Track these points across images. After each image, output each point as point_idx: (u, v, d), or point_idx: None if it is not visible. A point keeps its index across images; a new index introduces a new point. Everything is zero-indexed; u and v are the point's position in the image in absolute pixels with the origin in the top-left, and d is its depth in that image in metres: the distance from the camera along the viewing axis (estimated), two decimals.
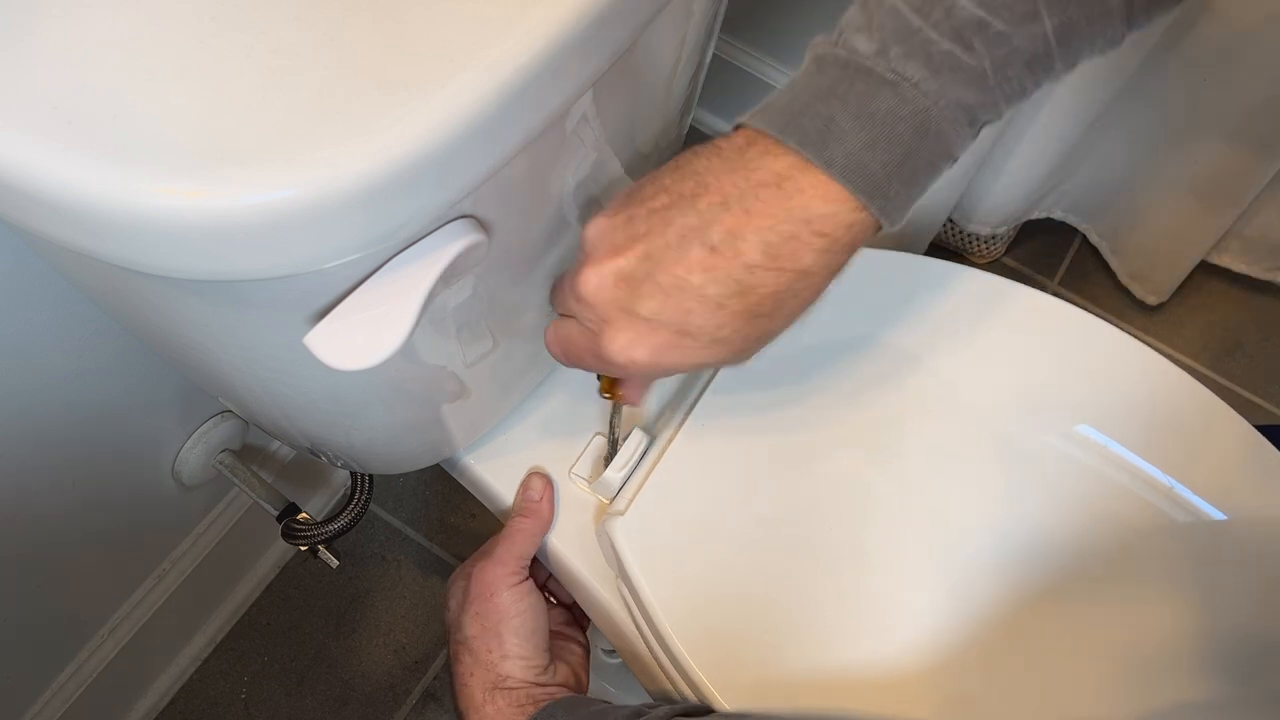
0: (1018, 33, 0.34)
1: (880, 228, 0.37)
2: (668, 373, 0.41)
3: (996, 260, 1.23)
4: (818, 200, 0.36)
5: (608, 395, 0.52)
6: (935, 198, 1.04)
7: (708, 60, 0.52)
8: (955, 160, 0.37)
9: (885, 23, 0.35)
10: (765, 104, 0.38)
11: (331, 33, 0.31)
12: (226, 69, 0.31)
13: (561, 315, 0.44)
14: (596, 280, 0.39)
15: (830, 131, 0.35)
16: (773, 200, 0.36)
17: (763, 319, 0.38)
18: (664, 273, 0.37)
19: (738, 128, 0.38)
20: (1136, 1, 0.34)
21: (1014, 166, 1.06)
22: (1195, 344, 1.20)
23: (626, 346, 0.39)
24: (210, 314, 0.39)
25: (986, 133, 0.95)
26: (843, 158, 0.35)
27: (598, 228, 0.40)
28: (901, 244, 1.09)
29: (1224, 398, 0.58)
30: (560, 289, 0.44)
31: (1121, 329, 0.60)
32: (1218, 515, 0.55)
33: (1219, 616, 0.53)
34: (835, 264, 0.38)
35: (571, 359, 0.44)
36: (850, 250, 0.37)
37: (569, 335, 0.43)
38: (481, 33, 0.32)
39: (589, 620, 0.62)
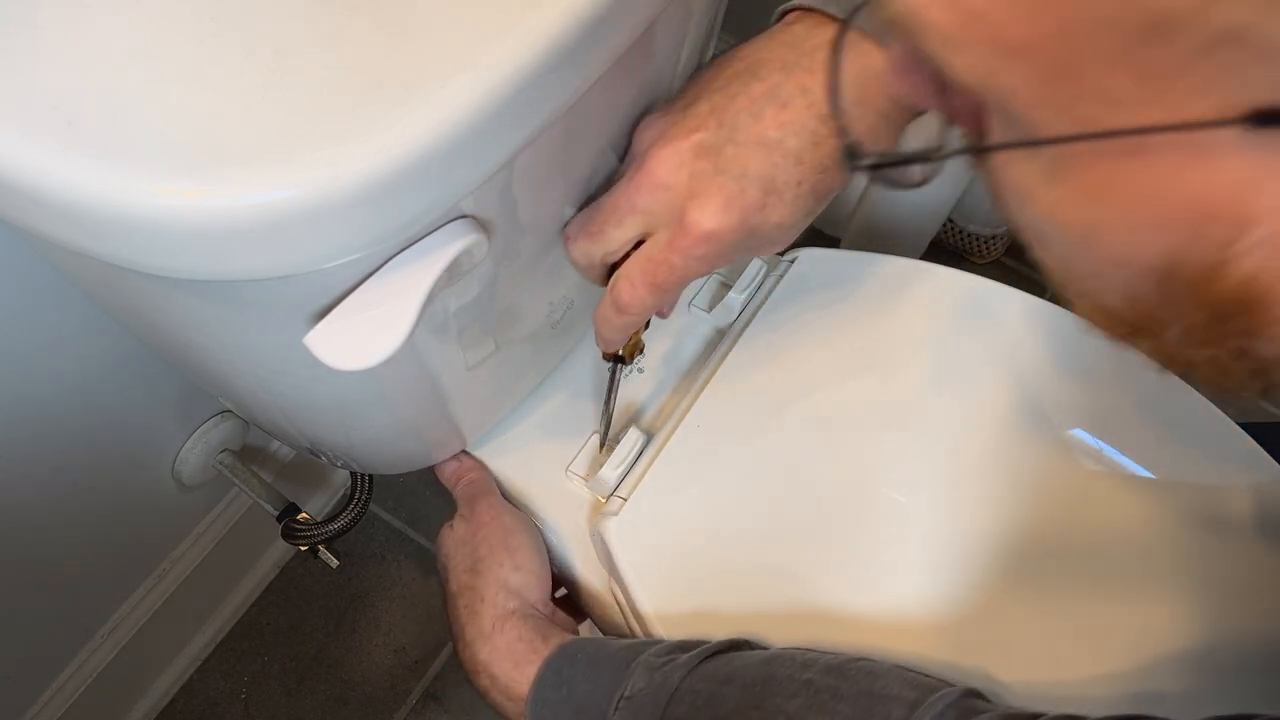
0: None
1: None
2: (749, 241, 0.41)
3: (996, 260, 1.23)
4: (877, 58, 0.37)
5: (610, 357, 0.53)
6: (935, 198, 1.04)
7: (708, 60, 0.52)
8: None
9: None
10: None
11: (332, 33, 0.32)
12: (226, 69, 0.31)
13: (611, 267, 0.43)
14: (675, 160, 0.39)
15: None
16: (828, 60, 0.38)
17: (830, 173, 0.40)
18: (744, 134, 0.39)
19: (784, 12, 0.41)
20: None
21: None
22: None
23: (720, 211, 0.39)
24: (210, 314, 0.39)
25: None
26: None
27: (655, 125, 0.41)
28: (902, 244, 1.09)
29: (1216, 400, 0.58)
30: (611, 207, 0.42)
31: None
32: (1211, 518, 0.55)
33: (1213, 617, 0.53)
34: (902, 121, 0.40)
35: (660, 280, 0.42)
36: (903, 120, 0.39)
37: (645, 259, 0.42)
38: (482, 33, 0.32)
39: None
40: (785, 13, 0.41)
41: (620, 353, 0.55)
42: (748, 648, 0.48)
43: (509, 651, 0.50)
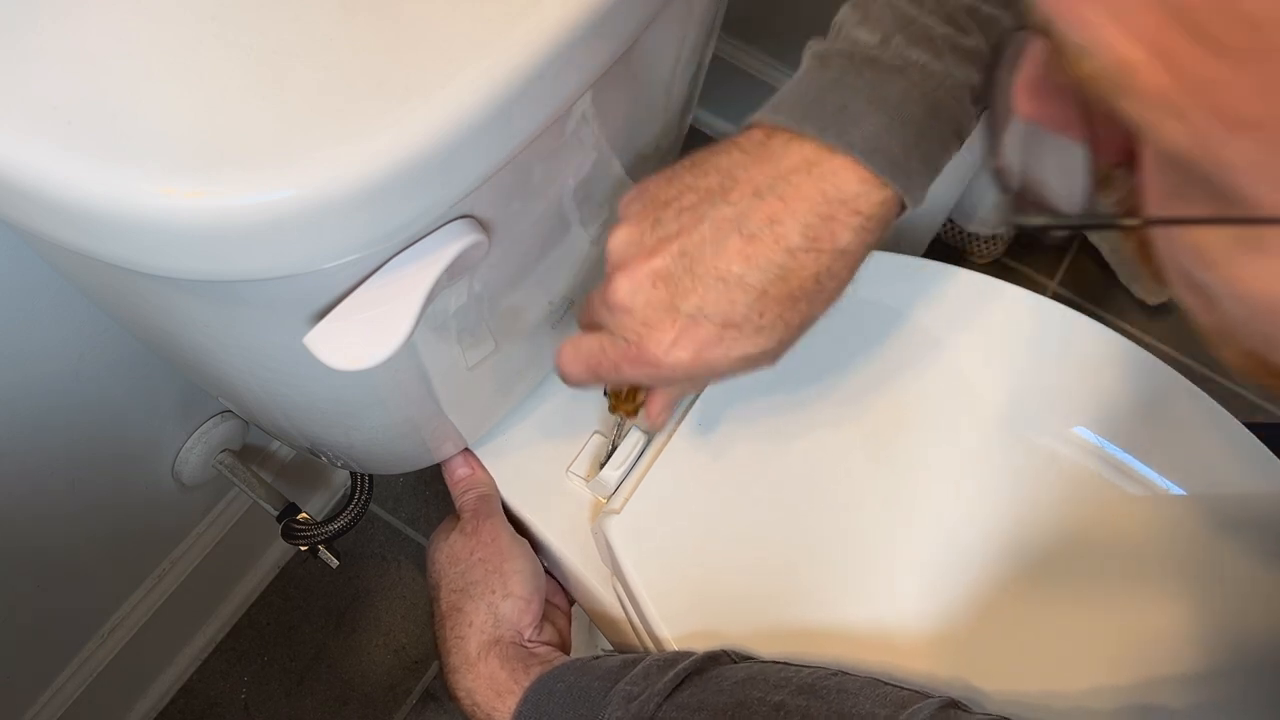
0: (1005, 14, 0.36)
1: (905, 207, 0.38)
2: (710, 373, 0.40)
3: (996, 260, 1.23)
4: (852, 180, 0.36)
5: (621, 411, 0.52)
6: (935, 198, 1.04)
7: (708, 60, 0.52)
8: (964, 139, 0.39)
9: (883, 15, 0.37)
10: (775, 101, 0.38)
11: (331, 33, 0.32)
12: (226, 69, 0.31)
13: (583, 331, 0.43)
14: (631, 285, 0.39)
15: (846, 117, 0.36)
16: (806, 184, 0.36)
17: (803, 302, 0.39)
18: (703, 266, 0.37)
19: (749, 127, 0.39)
20: None
21: None
22: (1194, 344, 1.20)
23: (672, 346, 0.38)
24: (210, 314, 0.39)
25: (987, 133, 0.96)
26: (862, 140, 0.36)
27: (623, 236, 0.40)
28: (901, 244, 1.09)
29: (1221, 399, 0.58)
30: (590, 304, 0.43)
31: (1121, 329, 0.60)
32: (1213, 516, 0.55)
33: (1213, 622, 0.53)
34: (870, 241, 0.38)
35: (599, 372, 0.42)
36: (884, 227, 0.38)
37: (597, 349, 0.42)
38: (481, 33, 0.32)
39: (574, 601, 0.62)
40: (751, 126, 0.39)
41: (620, 409, 0.54)
42: (728, 660, 0.48)
43: (491, 680, 0.51)
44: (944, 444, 0.58)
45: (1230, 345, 0.24)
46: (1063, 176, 0.24)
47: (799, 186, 0.37)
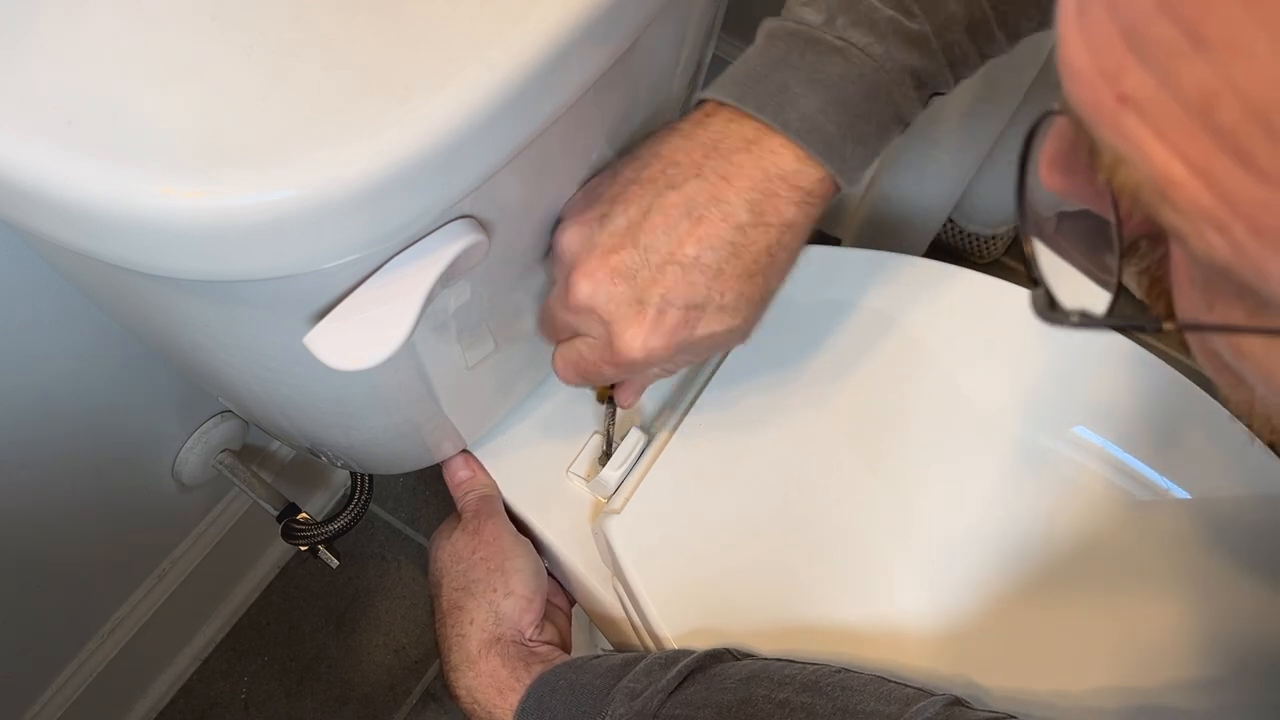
0: None
1: (839, 188, 0.39)
2: (687, 356, 0.41)
3: (996, 260, 1.23)
4: (789, 158, 0.37)
5: (604, 399, 0.53)
6: (935, 198, 1.04)
7: (708, 60, 0.52)
8: (906, 125, 0.39)
9: None
10: (721, 78, 0.39)
11: (331, 33, 0.32)
12: (226, 69, 0.31)
13: (561, 341, 0.44)
14: (590, 286, 0.39)
15: (786, 96, 0.37)
16: (747, 163, 0.37)
17: (759, 277, 0.39)
18: (659, 255, 0.38)
19: (699, 104, 0.40)
20: None
21: (1014, 167, 1.06)
22: None
23: (644, 338, 0.39)
24: (210, 314, 0.39)
25: (987, 133, 0.96)
26: (798, 120, 0.37)
27: (573, 236, 0.40)
28: (901, 244, 1.09)
29: (1222, 399, 0.57)
30: (549, 314, 0.43)
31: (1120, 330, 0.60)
32: (1213, 517, 0.55)
33: (1214, 616, 0.53)
34: (814, 215, 0.39)
35: (588, 376, 0.43)
36: (824, 202, 0.39)
37: (578, 354, 0.42)
38: (481, 33, 0.32)
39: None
40: (701, 102, 0.40)
41: (606, 394, 0.55)
42: (730, 657, 0.48)
43: (493, 678, 0.51)
44: (945, 443, 0.58)
45: (1259, 419, 0.24)
46: (1088, 246, 0.24)
47: (740, 165, 0.37)
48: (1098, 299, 0.23)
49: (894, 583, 0.54)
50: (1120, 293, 0.23)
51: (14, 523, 0.63)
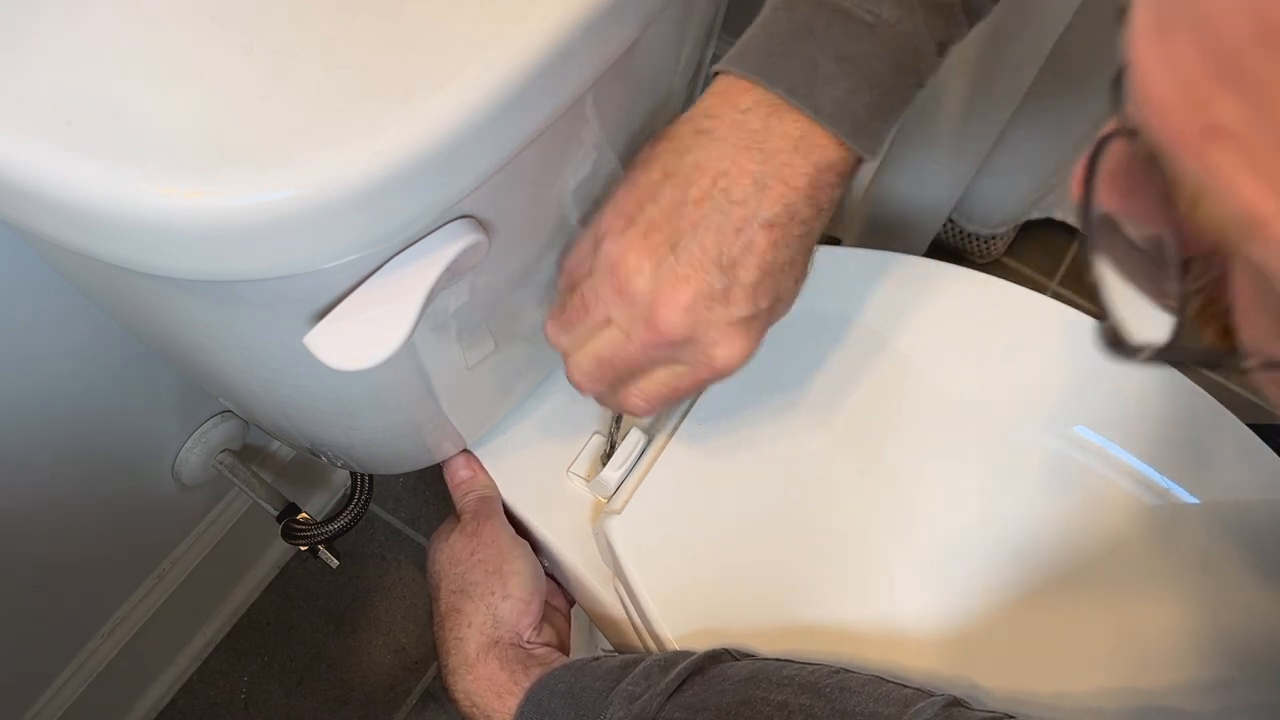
0: None
1: (862, 160, 0.40)
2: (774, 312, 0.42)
3: (996, 260, 1.23)
4: (832, 149, 0.38)
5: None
6: (935, 198, 1.04)
7: (708, 60, 0.52)
8: (925, 85, 0.40)
9: None
10: (741, 47, 0.39)
11: (331, 32, 0.32)
12: (226, 69, 0.31)
13: (633, 372, 0.43)
14: (682, 318, 0.39)
15: (815, 75, 0.37)
16: (798, 162, 0.38)
17: (807, 254, 0.41)
18: (744, 271, 0.39)
19: (715, 75, 0.39)
20: None
21: (1014, 166, 1.06)
22: None
23: (745, 350, 0.40)
24: (210, 314, 0.39)
25: (987, 133, 0.96)
26: (830, 104, 0.37)
27: (646, 271, 0.39)
28: (902, 244, 1.09)
29: (1222, 398, 0.58)
30: (611, 362, 0.42)
31: None
32: (1214, 516, 0.55)
33: (1215, 616, 0.53)
34: (841, 195, 0.41)
35: (669, 401, 0.43)
36: (849, 180, 0.40)
37: (665, 386, 0.42)
38: (481, 32, 0.32)
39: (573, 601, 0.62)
40: (716, 74, 0.39)
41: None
42: (729, 658, 0.48)
43: (491, 681, 0.51)
44: (945, 443, 0.58)
45: None
46: (1145, 267, 0.23)
47: (794, 166, 0.38)
48: (1158, 325, 0.22)
49: (894, 582, 0.54)
50: (1185, 323, 0.22)
51: (14, 523, 0.63)
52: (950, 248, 1.21)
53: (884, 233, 1.08)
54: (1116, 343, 0.22)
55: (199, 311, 0.39)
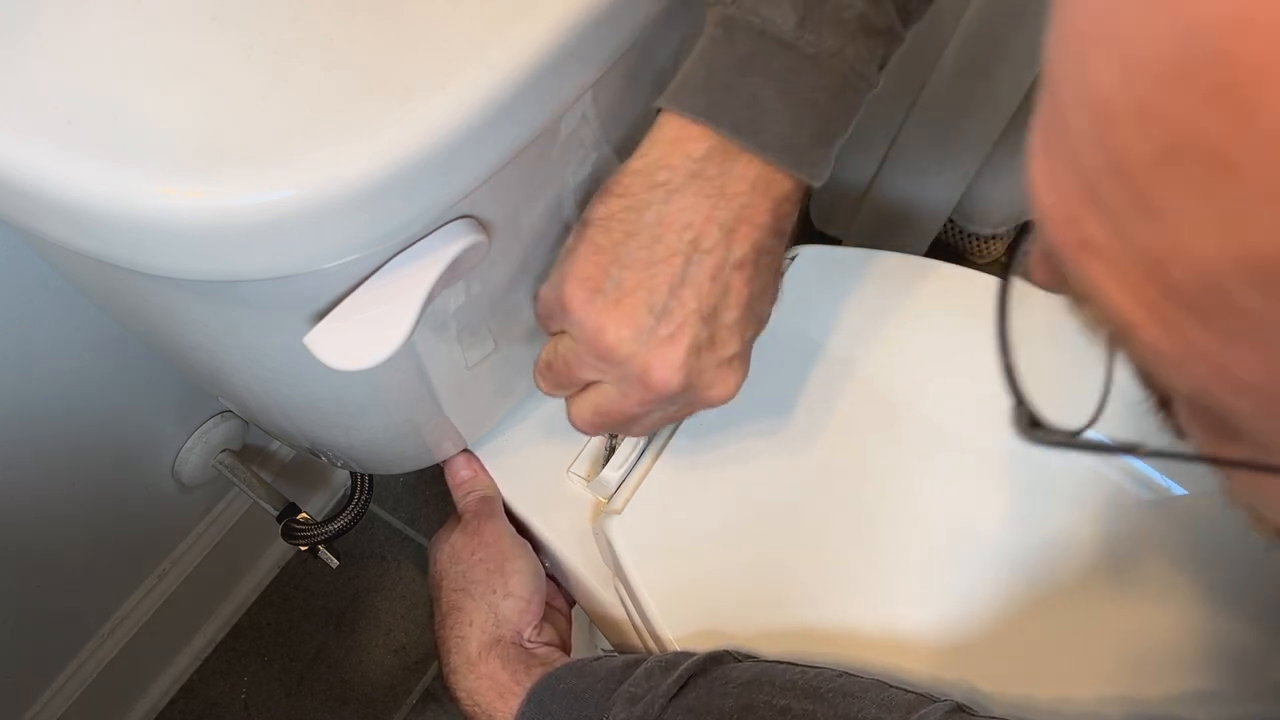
0: None
1: (810, 188, 0.40)
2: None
3: (996, 260, 1.23)
4: (789, 183, 0.39)
5: None
6: (935, 198, 1.04)
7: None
8: (865, 105, 0.40)
9: None
10: (681, 82, 0.38)
11: (331, 33, 0.32)
12: (226, 69, 0.31)
13: (635, 419, 0.44)
14: (677, 375, 0.40)
15: (760, 112, 0.37)
16: (759, 202, 0.39)
17: (778, 275, 0.43)
18: (726, 314, 0.40)
19: (658, 111, 0.39)
20: None
21: (1014, 166, 1.06)
22: None
23: (739, 382, 0.42)
24: (210, 314, 0.39)
25: (987, 133, 0.96)
26: (776, 141, 0.37)
27: (627, 337, 0.39)
28: (902, 244, 1.09)
29: None
30: (617, 416, 0.43)
31: None
32: (1216, 517, 0.55)
33: (1218, 616, 0.53)
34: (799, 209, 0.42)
35: (674, 423, 0.45)
36: (807, 197, 0.43)
37: (661, 419, 0.44)
38: (481, 33, 0.32)
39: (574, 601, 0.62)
40: (659, 111, 0.39)
41: None
42: (730, 659, 0.48)
43: (493, 681, 0.51)
44: (946, 442, 0.58)
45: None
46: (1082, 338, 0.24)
47: (756, 205, 0.39)
48: (1080, 411, 0.24)
49: (896, 584, 0.54)
50: (1103, 411, 0.23)
51: (14, 523, 0.63)
52: (950, 248, 1.21)
53: (884, 232, 1.08)
54: (1032, 427, 0.24)
55: (199, 312, 0.39)
